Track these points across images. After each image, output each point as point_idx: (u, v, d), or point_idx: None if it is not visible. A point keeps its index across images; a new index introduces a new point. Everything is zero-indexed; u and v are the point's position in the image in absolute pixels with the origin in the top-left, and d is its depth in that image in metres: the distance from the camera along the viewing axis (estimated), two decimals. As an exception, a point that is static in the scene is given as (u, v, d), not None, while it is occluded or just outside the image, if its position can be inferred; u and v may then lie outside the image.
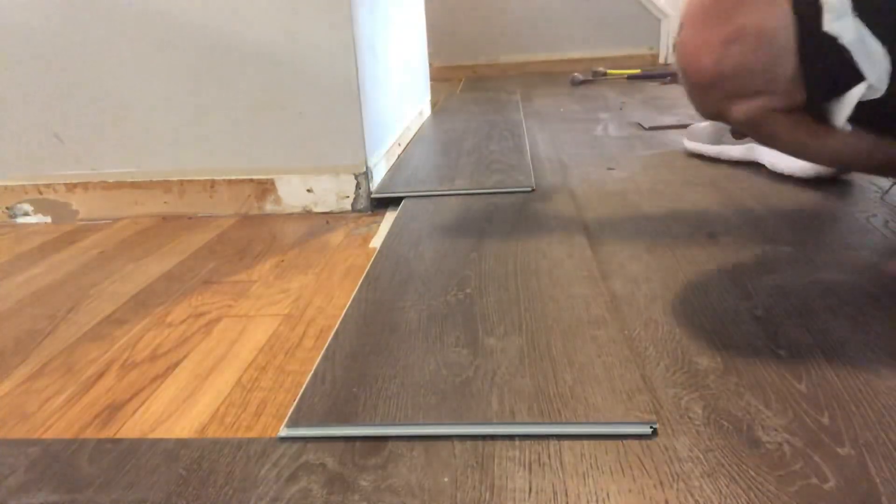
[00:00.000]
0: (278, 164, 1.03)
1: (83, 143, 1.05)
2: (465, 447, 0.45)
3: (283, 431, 0.48)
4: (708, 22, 0.62)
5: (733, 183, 1.01)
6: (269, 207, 1.06)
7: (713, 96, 0.65)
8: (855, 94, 0.59)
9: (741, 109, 0.65)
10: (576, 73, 2.34)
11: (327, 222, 1.00)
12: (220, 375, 0.58)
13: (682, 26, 0.65)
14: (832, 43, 0.58)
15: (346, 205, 1.04)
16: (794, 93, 0.62)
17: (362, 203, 1.04)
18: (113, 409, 0.54)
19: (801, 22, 0.59)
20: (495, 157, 1.21)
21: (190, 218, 1.06)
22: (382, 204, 1.05)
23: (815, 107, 0.62)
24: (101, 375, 0.59)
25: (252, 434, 0.49)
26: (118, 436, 0.50)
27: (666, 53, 2.72)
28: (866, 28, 0.57)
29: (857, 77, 0.58)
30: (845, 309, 0.61)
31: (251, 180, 1.04)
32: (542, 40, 2.88)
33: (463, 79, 2.76)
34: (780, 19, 0.59)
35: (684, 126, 1.41)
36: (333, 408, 0.49)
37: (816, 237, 0.77)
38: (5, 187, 1.08)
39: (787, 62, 0.60)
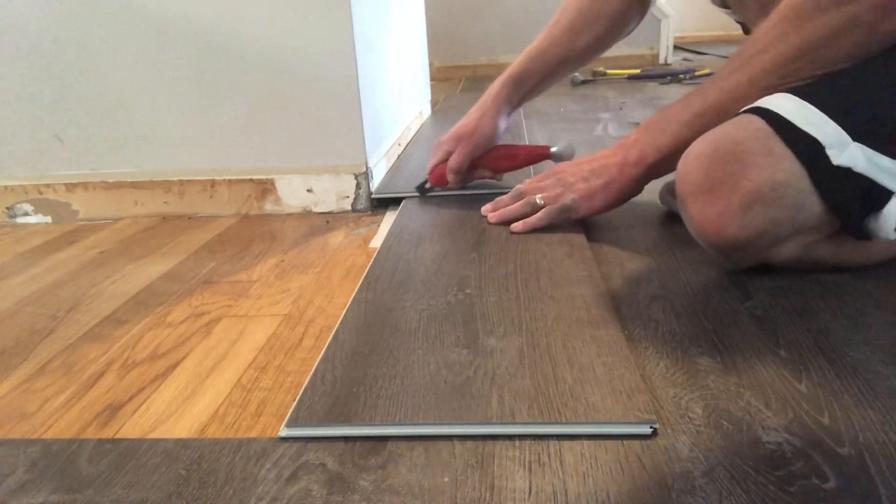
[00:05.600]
0: (278, 164, 1.04)
1: (83, 143, 1.05)
2: (465, 447, 0.45)
3: (283, 431, 0.48)
4: (714, 192, 0.61)
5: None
6: (269, 207, 1.06)
7: (746, 254, 0.65)
8: (893, 210, 0.59)
9: (780, 254, 0.65)
10: (576, 73, 2.34)
11: (327, 222, 1.00)
12: (220, 375, 0.58)
13: (683, 200, 0.64)
14: (848, 173, 0.58)
15: (346, 205, 1.04)
16: (827, 224, 0.62)
17: (362, 203, 1.04)
18: (113, 409, 0.54)
19: (810, 165, 0.59)
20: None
21: (190, 218, 1.06)
22: (382, 204, 1.05)
23: (852, 228, 0.62)
24: (101, 375, 0.59)
25: (252, 434, 0.49)
26: (118, 436, 0.50)
27: (666, 54, 2.72)
28: (870, 149, 0.58)
29: (886, 193, 0.59)
30: (845, 309, 0.61)
31: (251, 180, 1.04)
32: (542, 40, 2.87)
33: (463, 79, 2.76)
34: (788, 169, 0.59)
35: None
36: (333, 408, 0.49)
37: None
38: (5, 187, 1.08)
39: (812, 203, 0.60)
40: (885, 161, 0.58)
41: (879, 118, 0.60)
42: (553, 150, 0.96)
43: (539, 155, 0.98)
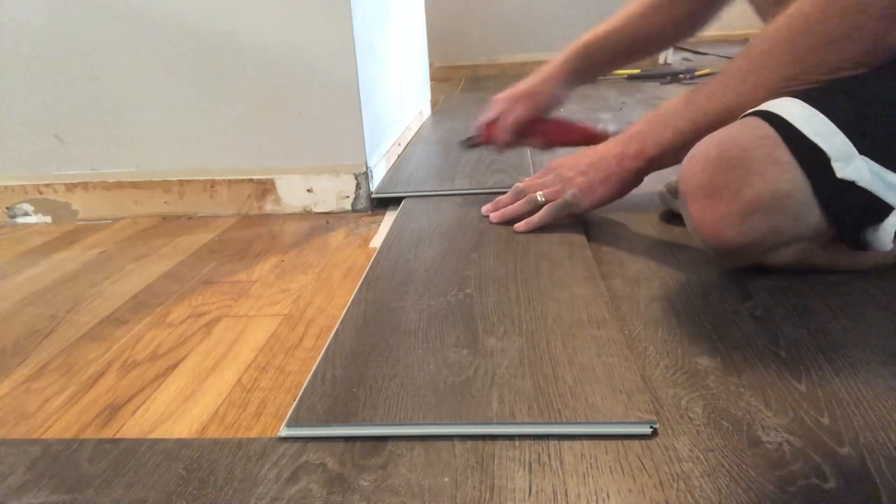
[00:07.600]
0: (278, 164, 1.03)
1: (83, 143, 1.05)
2: (465, 447, 0.45)
3: (283, 431, 0.48)
4: (715, 197, 0.61)
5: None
6: (269, 207, 1.06)
7: (744, 258, 0.66)
8: (892, 224, 0.59)
9: (776, 258, 0.65)
10: (576, 73, 2.34)
11: (327, 222, 1.00)
12: (220, 375, 0.58)
13: (684, 199, 0.64)
14: (850, 186, 0.58)
15: (346, 205, 1.04)
16: (825, 233, 0.62)
17: (362, 203, 1.04)
18: (113, 409, 0.54)
19: (814, 176, 0.58)
20: (495, 156, 1.21)
21: (190, 218, 1.06)
22: (382, 204, 1.05)
23: (849, 239, 0.62)
24: (101, 375, 0.59)
25: (252, 434, 0.49)
26: (118, 436, 0.50)
27: (666, 53, 2.72)
28: (876, 163, 0.58)
29: (886, 207, 0.59)
30: (845, 309, 0.61)
31: (251, 180, 1.04)
32: (542, 40, 2.88)
33: (463, 79, 2.76)
34: (791, 180, 0.59)
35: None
36: (333, 408, 0.49)
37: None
38: (5, 187, 1.08)
39: (812, 213, 0.60)
40: (890, 176, 0.58)
41: (890, 132, 0.59)
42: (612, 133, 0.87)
43: (598, 139, 0.87)
